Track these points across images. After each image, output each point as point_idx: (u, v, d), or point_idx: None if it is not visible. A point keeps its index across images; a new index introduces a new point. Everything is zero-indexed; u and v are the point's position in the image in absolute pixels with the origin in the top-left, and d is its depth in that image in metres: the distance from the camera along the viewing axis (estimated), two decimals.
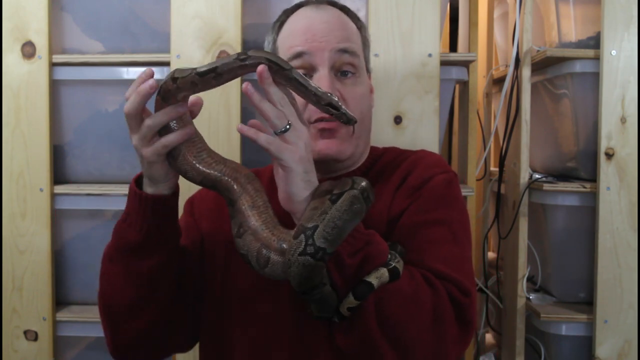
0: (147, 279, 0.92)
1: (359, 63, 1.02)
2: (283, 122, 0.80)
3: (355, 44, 1.03)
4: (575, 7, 1.58)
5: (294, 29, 1.02)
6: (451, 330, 0.85)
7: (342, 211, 0.79)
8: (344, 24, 1.03)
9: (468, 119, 1.62)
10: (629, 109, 1.48)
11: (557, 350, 1.59)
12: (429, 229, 0.93)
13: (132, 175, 1.52)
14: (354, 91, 1.00)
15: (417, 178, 0.99)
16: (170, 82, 0.85)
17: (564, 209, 1.57)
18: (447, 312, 0.85)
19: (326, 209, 0.79)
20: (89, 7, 1.50)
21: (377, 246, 0.84)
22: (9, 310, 1.48)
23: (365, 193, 0.82)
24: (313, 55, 0.98)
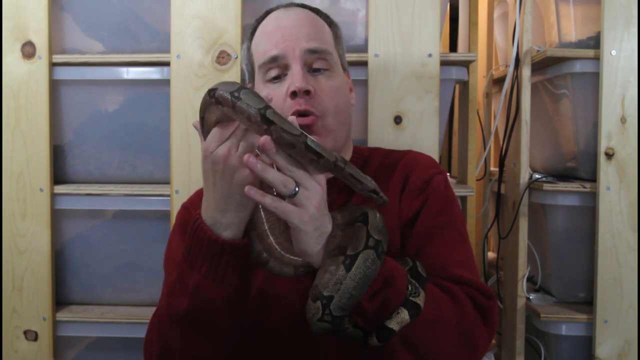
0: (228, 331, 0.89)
1: (332, 59, 1.03)
2: (290, 187, 0.78)
3: (325, 41, 1.04)
4: (575, 7, 1.58)
5: (264, 32, 1.05)
6: (480, 337, 0.89)
7: (357, 280, 0.81)
8: (313, 21, 1.04)
9: (468, 119, 1.62)
10: (629, 109, 1.48)
11: (557, 350, 1.59)
12: (442, 233, 0.97)
13: (132, 175, 1.54)
14: (327, 85, 1.02)
15: (418, 180, 1.02)
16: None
17: (564, 209, 1.57)
18: (474, 322, 0.89)
19: (340, 278, 0.80)
20: (89, 7, 1.50)
21: (395, 286, 0.84)
22: (9, 310, 1.48)
23: (380, 247, 0.82)
24: (285, 56, 1.00)
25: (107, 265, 1.54)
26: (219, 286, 0.84)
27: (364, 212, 0.85)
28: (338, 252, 0.82)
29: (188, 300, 0.85)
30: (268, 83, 1.02)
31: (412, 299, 0.85)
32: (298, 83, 0.97)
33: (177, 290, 0.87)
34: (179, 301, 0.86)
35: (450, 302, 0.88)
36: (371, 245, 0.81)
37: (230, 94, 0.80)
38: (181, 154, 1.43)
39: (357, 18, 1.47)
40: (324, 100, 1.00)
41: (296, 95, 0.98)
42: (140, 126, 1.52)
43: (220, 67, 1.41)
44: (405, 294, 0.85)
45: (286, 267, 0.89)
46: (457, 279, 0.92)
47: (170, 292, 0.90)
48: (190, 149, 1.42)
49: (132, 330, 1.47)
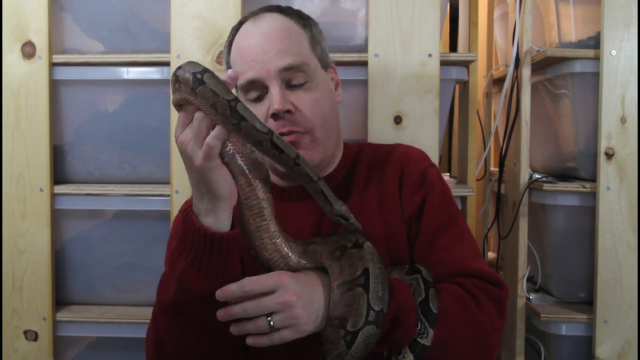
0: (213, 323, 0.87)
1: (309, 69, 1.01)
2: (263, 324, 0.79)
3: (299, 51, 1.01)
4: (575, 7, 1.58)
5: (238, 49, 1.03)
6: (495, 333, 0.92)
7: (358, 356, 0.82)
8: (284, 31, 1.01)
9: (468, 119, 1.62)
10: (629, 109, 1.48)
11: (557, 350, 1.59)
12: (449, 226, 0.99)
13: (132, 175, 1.54)
14: (308, 98, 1.00)
15: (414, 174, 1.04)
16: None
17: (564, 209, 1.57)
18: (488, 320, 0.91)
19: (342, 352, 0.81)
20: (89, 7, 1.50)
21: (405, 326, 0.85)
22: (9, 310, 1.48)
23: (380, 317, 0.82)
24: (262, 78, 0.99)
25: (107, 265, 1.54)
26: (203, 276, 0.84)
27: (365, 269, 0.83)
28: (339, 324, 0.82)
29: (174, 289, 0.85)
30: (249, 102, 1.02)
31: (419, 340, 0.86)
32: (276, 105, 0.97)
33: (167, 279, 0.87)
34: (167, 290, 0.87)
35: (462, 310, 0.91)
36: (371, 320, 0.81)
37: (192, 75, 0.78)
38: None
39: (357, 18, 1.47)
40: (307, 115, 0.99)
41: (277, 116, 0.98)
42: (140, 126, 1.52)
43: (221, 67, 1.41)
44: (414, 332, 0.86)
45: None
46: (472, 272, 0.95)
47: (162, 282, 0.90)
48: None
49: (132, 330, 1.47)
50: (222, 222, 0.83)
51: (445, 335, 0.88)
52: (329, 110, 1.03)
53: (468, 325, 0.90)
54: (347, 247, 0.87)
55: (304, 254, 0.88)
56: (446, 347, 0.89)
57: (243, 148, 0.84)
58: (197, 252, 0.83)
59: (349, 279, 0.83)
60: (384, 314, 0.82)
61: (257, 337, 0.81)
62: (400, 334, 0.85)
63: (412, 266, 0.95)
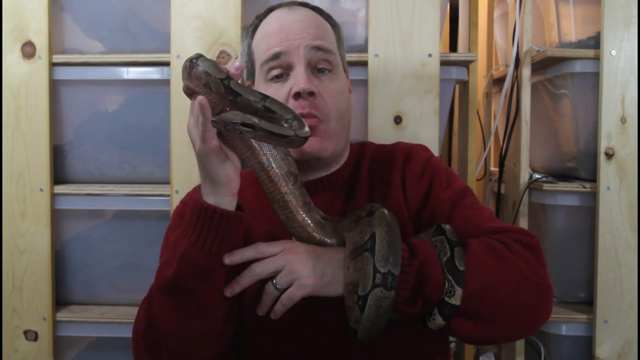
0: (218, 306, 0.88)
1: (335, 60, 1.03)
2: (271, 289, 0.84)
3: (329, 41, 1.03)
4: (575, 7, 1.58)
5: (267, 31, 1.03)
6: (538, 274, 0.87)
7: (372, 319, 0.83)
8: (317, 22, 1.04)
9: (468, 119, 1.62)
10: (629, 109, 1.48)
11: (557, 350, 1.59)
12: (462, 198, 0.99)
13: (132, 175, 1.54)
14: (331, 87, 1.01)
15: (416, 165, 1.04)
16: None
17: (564, 209, 1.57)
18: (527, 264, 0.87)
19: (358, 317, 0.83)
20: (89, 7, 1.50)
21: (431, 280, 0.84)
22: (9, 310, 1.48)
23: (388, 280, 0.82)
24: (289, 54, 0.99)
25: (107, 265, 1.54)
26: (206, 255, 0.84)
27: (372, 234, 0.84)
28: (352, 289, 0.84)
29: (175, 267, 0.85)
30: (270, 82, 1.02)
31: (447, 299, 0.84)
32: (302, 84, 0.97)
33: (168, 259, 0.88)
34: (167, 269, 0.87)
35: (494, 258, 0.87)
36: (378, 283, 0.81)
37: (189, 61, 0.82)
38: (181, 154, 1.43)
39: (357, 18, 1.47)
40: (327, 102, 1.00)
41: (300, 96, 0.97)
42: (140, 126, 1.52)
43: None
44: (442, 287, 0.84)
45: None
46: (496, 230, 0.93)
47: (161, 265, 0.91)
48: (190, 148, 1.42)
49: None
50: (223, 206, 0.85)
51: (479, 286, 0.84)
52: (345, 108, 1.04)
53: (504, 271, 0.86)
54: (361, 216, 0.88)
55: (335, 233, 0.92)
56: (483, 297, 0.84)
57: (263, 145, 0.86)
58: (202, 229, 0.83)
59: (358, 245, 0.85)
60: (394, 276, 0.81)
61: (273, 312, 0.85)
62: (429, 290, 0.83)
63: (437, 227, 0.93)
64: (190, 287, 0.86)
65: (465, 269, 0.84)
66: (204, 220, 0.83)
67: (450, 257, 0.86)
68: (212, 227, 0.83)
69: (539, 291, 0.87)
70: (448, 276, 0.84)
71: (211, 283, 0.86)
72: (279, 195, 0.88)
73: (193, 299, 0.86)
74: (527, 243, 0.90)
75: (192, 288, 0.86)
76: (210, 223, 0.83)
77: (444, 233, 0.89)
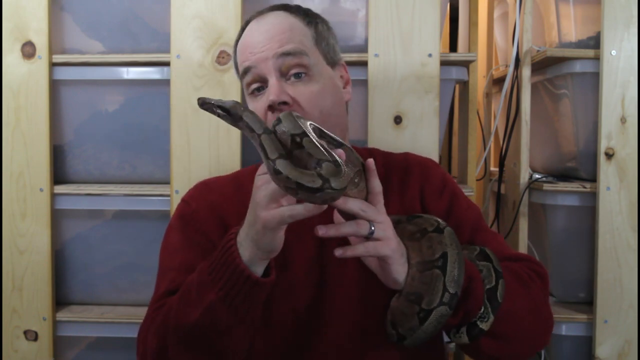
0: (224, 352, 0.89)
1: (309, 61, 1.01)
2: (366, 227, 0.81)
3: (301, 42, 1.01)
4: (575, 7, 1.58)
5: (240, 45, 1.05)
6: (546, 303, 0.99)
7: (429, 332, 0.87)
8: (285, 26, 1.02)
9: (468, 119, 1.62)
10: (629, 109, 1.48)
11: (557, 350, 1.59)
12: (480, 223, 1.05)
13: (132, 175, 1.54)
14: (307, 91, 1.00)
15: (436, 180, 1.08)
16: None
17: (564, 209, 1.57)
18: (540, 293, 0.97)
19: (414, 326, 0.86)
20: (89, 7, 1.50)
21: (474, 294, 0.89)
22: (9, 310, 1.48)
23: (454, 300, 0.86)
24: (258, 67, 0.99)
25: (107, 265, 1.54)
26: (232, 313, 0.83)
27: (444, 253, 0.86)
28: (414, 300, 0.86)
29: (199, 315, 0.84)
30: (251, 96, 1.03)
31: (479, 323, 0.90)
32: (272, 96, 0.97)
33: (193, 299, 0.86)
34: (190, 311, 0.85)
35: (519, 285, 0.95)
36: (445, 302, 0.85)
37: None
38: (181, 154, 1.43)
39: (357, 18, 1.47)
40: (304, 108, 0.99)
41: (274, 108, 0.98)
42: (140, 126, 1.52)
43: (220, 67, 1.41)
44: (481, 304, 0.89)
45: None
46: (515, 257, 1.01)
47: (185, 297, 0.88)
48: (190, 149, 1.42)
49: (132, 330, 1.47)
50: (257, 266, 0.83)
51: (506, 310, 0.91)
52: (330, 106, 1.02)
53: (526, 299, 0.94)
54: (427, 230, 0.90)
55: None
56: (508, 321, 0.91)
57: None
58: (233, 288, 0.82)
59: (427, 259, 0.87)
60: (457, 297, 0.86)
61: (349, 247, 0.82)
62: (470, 303, 0.88)
63: (482, 251, 0.97)
64: (213, 338, 0.86)
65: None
66: (236, 281, 0.82)
67: (494, 287, 0.91)
68: (244, 291, 0.82)
69: (547, 319, 0.98)
70: (486, 302, 0.90)
71: (230, 337, 0.86)
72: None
73: (214, 348, 0.87)
74: (541, 274, 0.99)
75: (215, 339, 0.86)
76: (242, 286, 0.82)
77: (490, 260, 0.95)
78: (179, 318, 0.87)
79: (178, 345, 0.88)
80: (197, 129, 1.42)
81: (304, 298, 0.98)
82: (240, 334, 0.87)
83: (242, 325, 0.86)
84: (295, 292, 0.98)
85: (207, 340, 0.86)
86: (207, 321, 0.84)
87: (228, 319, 0.84)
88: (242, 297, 0.82)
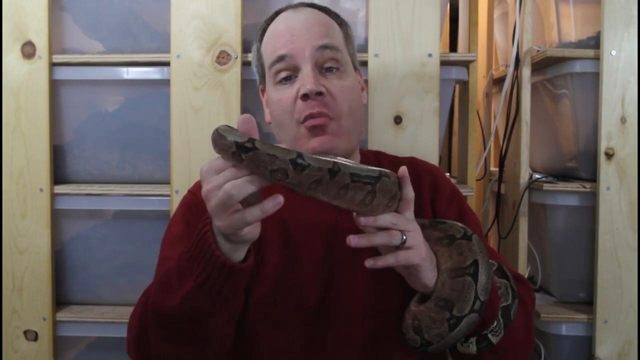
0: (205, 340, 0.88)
1: (342, 58, 1.02)
2: (398, 237, 0.82)
3: (336, 39, 1.03)
4: (575, 7, 1.58)
5: (274, 32, 1.03)
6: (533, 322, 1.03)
7: (458, 338, 0.87)
8: (323, 21, 1.03)
9: (468, 119, 1.62)
10: (629, 109, 1.48)
11: (557, 350, 1.59)
12: (482, 237, 1.04)
13: (132, 175, 1.54)
14: (339, 84, 1.00)
15: (445, 188, 1.09)
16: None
17: (564, 209, 1.57)
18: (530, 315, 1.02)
19: (443, 333, 0.86)
20: (89, 7, 1.50)
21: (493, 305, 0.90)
22: (9, 310, 1.48)
23: (483, 307, 0.86)
24: (295, 56, 0.99)
25: (107, 265, 1.54)
26: (211, 300, 0.82)
27: (475, 260, 0.87)
28: (444, 306, 0.85)
29: (178, 302, 0.83)
30: (278, 85, 1.01)
31: (490, 336, 0.92)
32: (309, 85, 0.96)
33: (172, 286, 0.85)
34: (169, 298, 0.85)
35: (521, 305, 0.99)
36: (476, 309, 0.85)
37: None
38: (181, 154, 1.43)
39: (357, 18, 1.47)
40: (336, 101, 0.99)
41: (308, 97, 0.97)
42: (140, 126, 1.52)
43: (220, 67, 1.41)
44: (497, 314, 0.91)
45: None
46: (516, 278, 1.03)
47: (164, 283, 0.87)
48: (190, 148, 1.42)
49: None
50: (236, 255, 0.82)
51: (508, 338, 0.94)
52: (357, 105, 1.03)
53: (525, 319, 0.99)
54: (455, 237, 0.89)
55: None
56: (510, 337, 0.94)
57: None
58: (210, 276, 0.81)
59: (458, 266, 0.87)
60: (485, 305, 0.86)
61: (380, 258, 0.82)
62: (489, 314, 0.89)
63: (500, 267, 0.99)
64: (188, 325, 0.85)
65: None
66: (213, 268, 0.80)
67: (509, 305, 0.94)
68: (222, 277, 0.81)
69: (532, 340, 1.03)
70: (500, 319, 0.92)
71: (210, 324, 0.85)
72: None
73: (191, 336, 0.86)
74: (532, 297, 1.04)
75: (190, 326, 0.85)
76: (219, 272, 0.81)
77: (508, 279, 0.97)
78: (158, 305, 0.86)
79: (157, 333, 0.87)
80: (197, 129, 1.42)
81: (312, 297, 0.97)
82: (221, 322, 0.86)
83: (222, 313, 0.85)
84: (303, 291, 0.98)
85: (187, 328, 0.85)
86: (186, 308, 0.83)
87: (207, 306, 0.83)
88: (220, 283, 0.81)
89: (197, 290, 0.82)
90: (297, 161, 0.72)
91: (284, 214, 0.97)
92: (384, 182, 0.79)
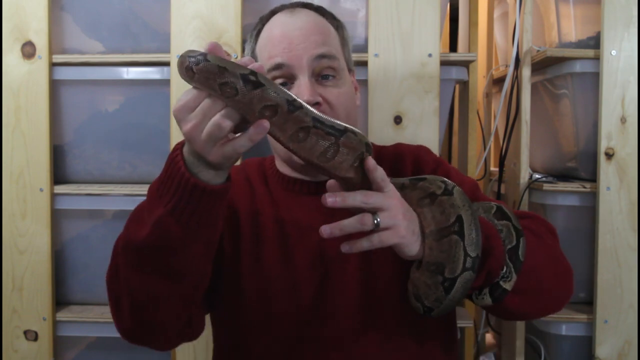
0: (179, 273, 0.85)
1: (339, 65, 1.02)
2: (370, 222, 0.77)
3: (333, 46, 1.02)
4: (575, 7, 1.58)
5: (270, 38, 1.02)
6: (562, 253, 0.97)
7: (456, 299, 0.84)
8: (320, 27, 1.02)
9: (468, 119, 1.62)
10: (629, 109, 1.48)
11: (557, 350, 1.59)
12: (478, 191, 1.04)
13: (132, 175, 1.54)
14: (336, 92, 1.00)
15: (429, 162, 1.07)
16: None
17: (564, 209, 1.57)
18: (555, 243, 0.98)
19: (440, 297, 0.83)
20: (89, 7, 1.50)
21: (495, 252, 0.86)
22: (9, 310, 1.48)
23: (476, 263, 0.83)
24: (292, 66, 0.98)
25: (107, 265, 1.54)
26: (182, 226, 0.79)
27: (458, 216, 0.82)
28: (436, 270, 0.83)
29: (148, 231, 0.80)
30: None
31: (502, 283, 0.87)
32: (306, 96, 0.95)
33: (142, 218, 0.83)
34: (139, 229, 0.82)
35: (536, 238, 0.93)
36: (468, 267, 0.82)
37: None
38: None
39: (357, 18, 1.47)
40: (333, 109, 0.99)
41: None
42: (140, 126, 1.52)
43: None
44: (503, 260, 0.86)
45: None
46: (523, 215, 1.00)
47: (135, 216, 0.85)
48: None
49: None
50: (210, 180, 0.78)
51: (528, 267, 0.89)
52: (352, 108, 1.04)
53: (544, 252, 0.93)
54: (436, 194, 0.85)
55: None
56: (530, 277, 0.89)
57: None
58: (180, 200, 0.77)
59: (442, 226, 0.83)
60: (479, 258, 0.83)
61: (355, 242, 0.78)
62: (491, 263, 0.85)
63: (500, 208, 0.94)
64: (160, 256, 0.82)
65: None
66: (183, 192, 0.77)
67: (515, 246, 0.89)
68: (193, 201, 0.77)
69: (567, 269, 0.96)
70: (509, 262, 0.87)
71: (184, 255, 0.82)
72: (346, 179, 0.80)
73: (162, 268, 0.83)
74: (551, 229, 0.99)
75: (163, 257, 0.82)
76: (190, 196, 0.77)
77: (509, 218, 0.91)
78: (129, 237, 0.84)
79: (128, 265, 0.85)
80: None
81: (308, 295, 0.98)
82: (196, 253, 0.84)
83: (196, 244, 0.82)
84: (299, 289, 0.98)
85: (159, 259, 0.82)
86: (156, 238, 0.80)
87: (179, 235, 0.79)
88: (191, 208, 0.77)
89: (167, 217, 0.78)
90: (249, 77, 0.68)
91: (281, 212, 0.97)
92: (349, 137, 0.76)
